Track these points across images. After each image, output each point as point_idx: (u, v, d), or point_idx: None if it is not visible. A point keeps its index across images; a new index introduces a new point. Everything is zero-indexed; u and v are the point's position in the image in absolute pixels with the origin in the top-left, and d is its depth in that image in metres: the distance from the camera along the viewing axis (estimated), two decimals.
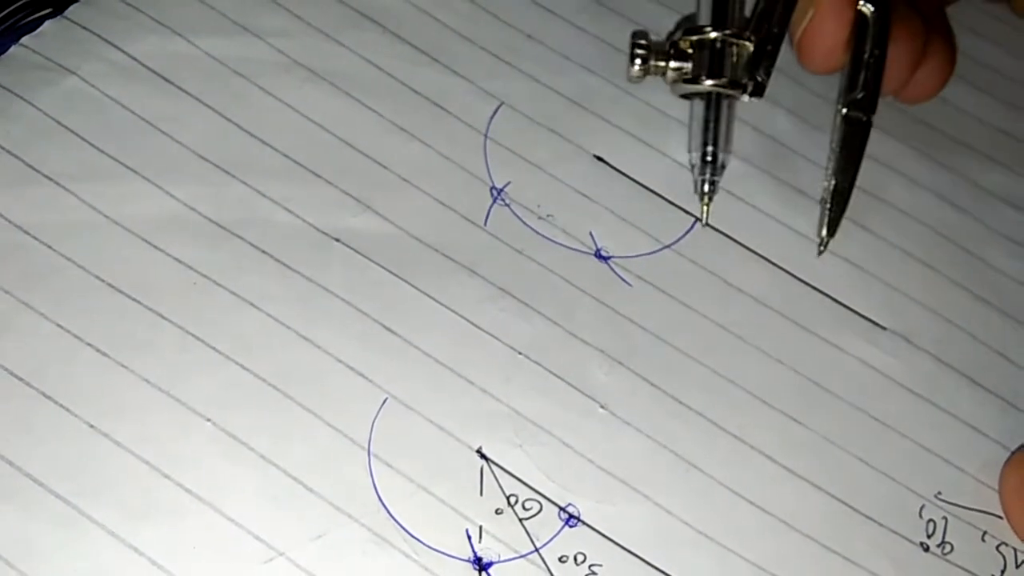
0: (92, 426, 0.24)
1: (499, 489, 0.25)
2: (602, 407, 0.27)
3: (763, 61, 0.29)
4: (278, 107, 0.29)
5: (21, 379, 0.24)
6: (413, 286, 0.27)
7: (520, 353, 0.27)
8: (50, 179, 0.27)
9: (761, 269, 0.29)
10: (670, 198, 0.30)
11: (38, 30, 0.28)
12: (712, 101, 0.29)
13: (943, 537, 0.27)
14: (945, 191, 0.32)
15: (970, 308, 0.30)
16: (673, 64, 0.29)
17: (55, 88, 0.28)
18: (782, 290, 0.29)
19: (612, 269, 0.29)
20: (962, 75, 0.34)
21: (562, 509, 0.25)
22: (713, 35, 0.29)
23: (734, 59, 0.29)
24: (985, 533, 0.27)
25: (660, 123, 0.31)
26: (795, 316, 0.29)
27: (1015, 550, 0.27)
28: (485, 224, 0.28)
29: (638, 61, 0.29)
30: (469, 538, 0.25)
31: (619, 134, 0.30)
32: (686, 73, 0.29)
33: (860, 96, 0.29)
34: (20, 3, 0.28)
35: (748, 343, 0.28)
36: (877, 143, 0.32)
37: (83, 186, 0.27)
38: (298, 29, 0.30)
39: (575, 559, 0.25)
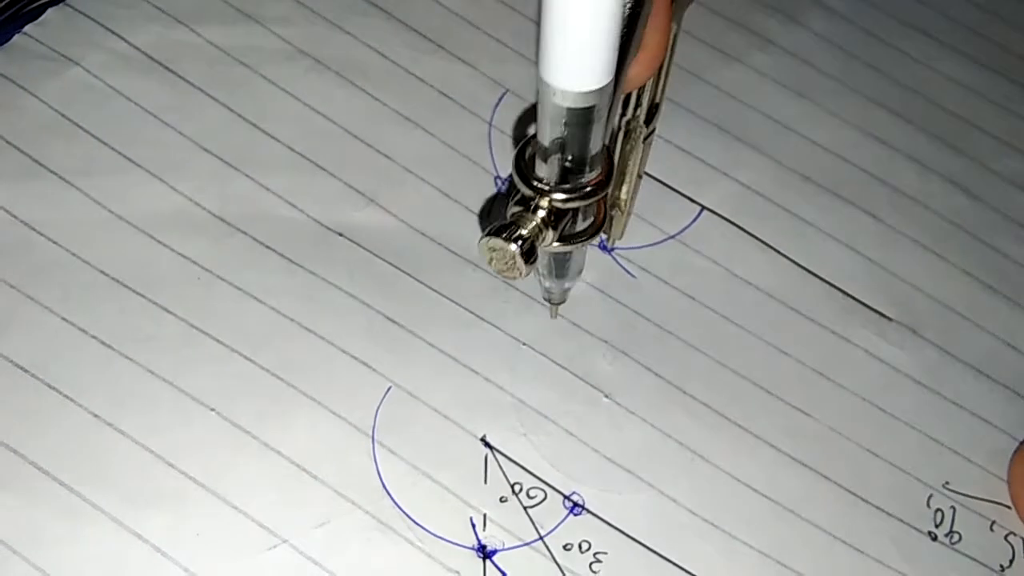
0: (96, 416, 0.24)
1: (503, 477, 0.25)
2: (606, 396, 0.27)
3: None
4: (281, 96, 0.29)
5: (27, 371, 0.25)
6: (417, 279, 0.27)
7: (524, 343, 0.27)
8: (55, 174, 0.27)
9: (767, 259, 0.29)
10: (675, 186, 0.29)
11: (41, 18, 0.28)
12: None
13: (951, 527, 0.27)
14: (957, 176, 0.31)
15: (978, 297, 0.30)
16: (550, 234, 0.21)
17: (59, 79, 0.28)
18: (788, 280, 0.29)
19: (616, 260, 0.28)
20: (975, 57, 0.34)
21: (566, 497, 0.25)
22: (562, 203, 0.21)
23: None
24: (993, 523, 0.27)
25: (665, 112, 0.30)
26: (801, 307, 0.29)
27: (1023, 540, 0.27)
28: (489, 216, 0.28)
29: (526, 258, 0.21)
30: (473, 526, 0.25)
31: None
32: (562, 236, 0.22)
33: (647, 108, 0.26)
34: None
35: (753, 333, 0.28)
36: (888, 127, 0.32)
37: (87, 181, 0.27)
38: (302, 16, 0.30)
39: (579, 547, 0.25)
